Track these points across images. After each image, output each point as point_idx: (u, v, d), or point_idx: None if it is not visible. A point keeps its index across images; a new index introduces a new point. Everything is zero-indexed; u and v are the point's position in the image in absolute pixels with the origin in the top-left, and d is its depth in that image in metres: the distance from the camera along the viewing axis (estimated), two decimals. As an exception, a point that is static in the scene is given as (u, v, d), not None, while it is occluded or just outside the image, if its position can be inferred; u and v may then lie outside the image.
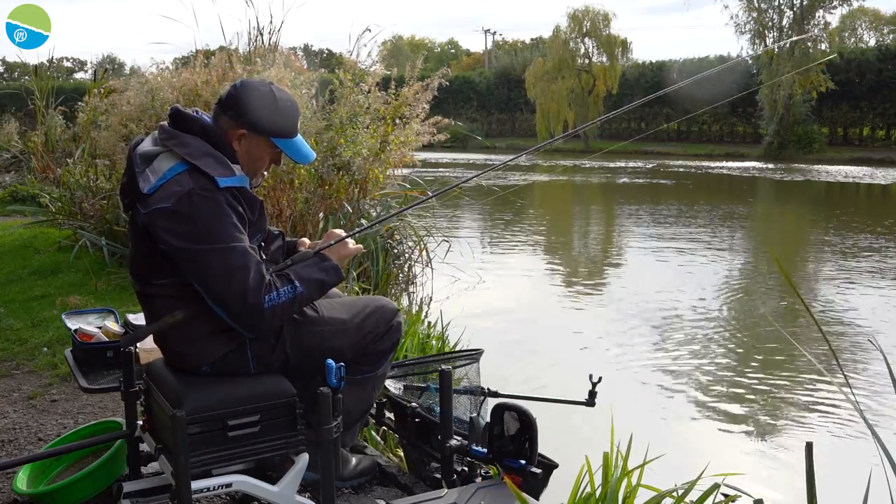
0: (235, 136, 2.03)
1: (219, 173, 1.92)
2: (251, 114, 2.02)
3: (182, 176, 1.91)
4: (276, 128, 2.05)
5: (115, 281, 5.58)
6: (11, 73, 55.92)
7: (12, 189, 11.21)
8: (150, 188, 1.92)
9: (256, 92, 2.04)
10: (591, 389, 2.39)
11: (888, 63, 34.06)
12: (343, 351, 2.13)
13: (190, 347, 2.00)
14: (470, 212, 13.67)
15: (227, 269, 1.87)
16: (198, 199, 1.88)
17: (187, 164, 1.92)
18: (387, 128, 5.69)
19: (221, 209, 1.90)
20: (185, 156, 1.93)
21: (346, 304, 2.25)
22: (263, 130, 2.04)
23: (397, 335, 2.28)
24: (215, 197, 1.90)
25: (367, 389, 2.28)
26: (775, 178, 22.80)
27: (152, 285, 2.01)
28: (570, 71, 38.79)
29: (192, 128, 2.00)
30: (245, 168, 2.05)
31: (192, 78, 5.87)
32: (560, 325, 6.25)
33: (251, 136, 2.04)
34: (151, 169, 1.95)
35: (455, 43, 77.01)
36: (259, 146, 2.06)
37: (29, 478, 2.50)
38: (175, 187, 1.89)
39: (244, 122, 2.02)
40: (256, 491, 1.97)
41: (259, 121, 2.03)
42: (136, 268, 2.06)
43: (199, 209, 1.87)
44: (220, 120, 2.04)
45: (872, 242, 10.62)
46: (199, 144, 1.97)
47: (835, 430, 4.14)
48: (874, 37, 48.45)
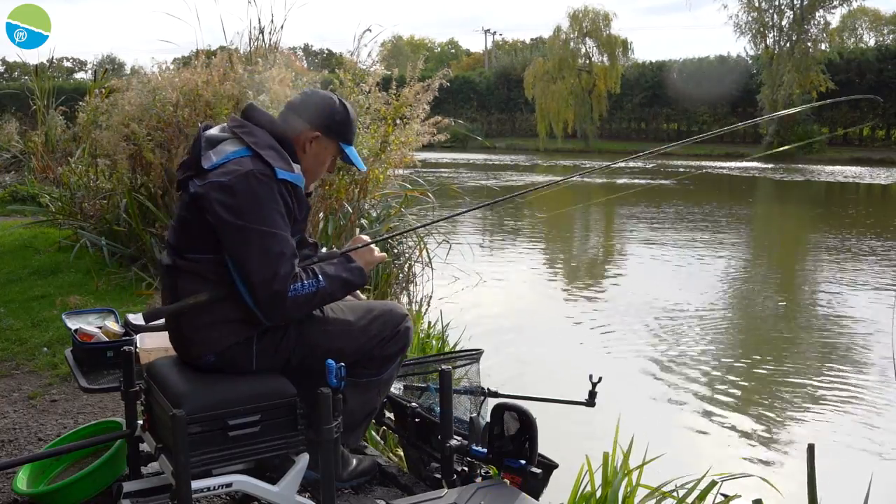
0: (308, 138, 2.14)
1: (279, 165, 2.01)
2: (327, 118, 2.15)
3: (244, 159, 2.00)
4: (346, 134, 2.20)
5: (115, 281, 5.59)
6: (11, 73, 55.93)
7: (12, 189, 11.21)
8: (210, 164, 2.00)
9: (330, 100, 2.19)
10: (591, 389, 2.39)
11: (888, 63, 34.08)
12: (346, 352, 2.13)
13: (201, 333, 2.01)
14: (470, 212, 13.65)
15: (263, 251, 1.93)
16: (254, 181, 1.95)
17: (251, 151, 2.01)
18: (387, 128, 5.69)
19: (273, 195, 1.97)
20: (251, 143, 2.02)
21: (354, 307, 2.25)
22: (336, 135, 2.17)
23: (404, 340, 2.27)
24: (270, 183, 1.98)
25: (371, 393, 2.27)
26: (775, 178, 22.81)
27: (184, 259, 2.03)
28: (571, 71, 38.81)
29: (262, 122, 2.10)
30: (306, 170, 2.15)
31: (193, 78, 5.88)
32: (560, 325, 6.25)
33: (323, 139, 2.16)
34: (216, 151, 2.03)
35: (455, 43, 77.11)
36: (327, 149, 2.18)
37: (29, 478, 2.50)
38: (235, 166, 1.98)
39: (320, 126, 2.14)
40: (256, 491, 1.97)
41: (334, 125, 2.16)
42: (175, 239, 2.09)
43: (253, 189, 1.95)
44: (292, 121, 2.15)
45: (872, 243, 10.63)
46: (266, 137, 2.06)
47: (835, 431, 4.15)
48: (874, 37, 48.50)
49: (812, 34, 33.60)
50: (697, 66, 39.56)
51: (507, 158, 31.69)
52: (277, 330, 2.06)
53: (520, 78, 41.56)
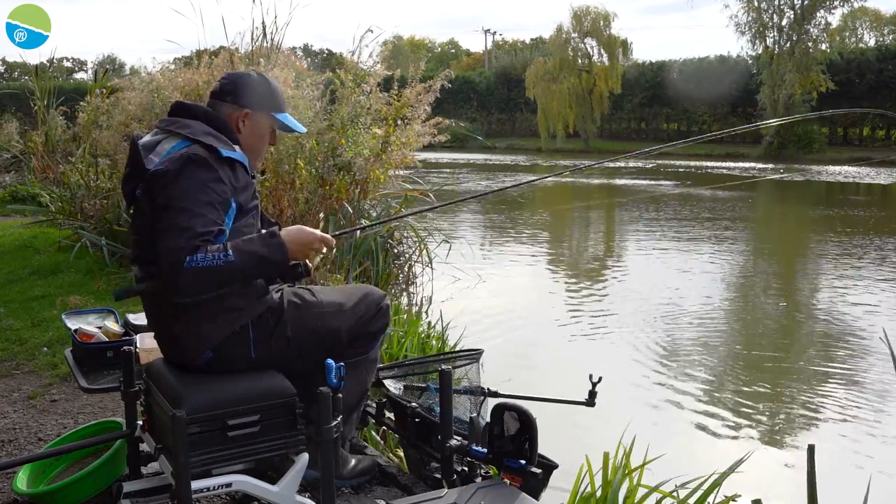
0: (240, 118, 2.17)
1: (220, 146, 2.02)
2: (251, 94, 2.19)
3: (182, 150, 1.99)
4: (274, 103, 2.24)
5: (115, 281, 5.58)
6: (11, 73, 55.94)
7: (12, 189, 11.22)
8: (154, 165, 1.98)
9: (248, 77, 2.25)
10: (591, 389, 2.39)
11: (888, 63, 34.10)
12: (341, 332, 2.19)
13: (192, 331, 2.01)
14: (471, 212, 13.67)
15: (171, 226, 1.88)
16: (189, 162, 1.94)
17: (189, 141, 2.01)
18: (388, 128, 5.69)
19: (205, 175, 1.94)
20: (188, 134, 2.02)
21: (339, 290, 2.36)
22: (264, 106, 2.21)
23: (386, 318, 2.36)
24: (207, 164, 1.96)
25: (362, 373, 2.32)
26: (775, 178, 22.80)
27: (153, 264, 1.95)
28: (572, 71, 38.83)
29: (196, 113, 2.12)
30: (247, 148, 2.17)
31: (195, 78, 5.88)
32: (560, 325, 6.25)
33: (254, 114, 2.19)
34: (155, 153, 2.02)
35: (455, 43, 77.11)
36: (261, 123, 2.21)
37: (29, 478, 2.50)
38: (175, 157, 1.97)
39: (247, 103, 2.18)
40: (256, 491, 1.97)
41: (260, 98, 2.20)
42: (138, 251, 2.07)
43: (185, 169, 1.93)
44: (220, 107, 2.18)
45: (872, 242, 10.62)
46: (201, 126, 2.07)
47: (836, 432, 4.14)
48: (874, 37, 48.53)
49: (812, 34, 33.61)
50: (697, 66, 39.57)
51: (507, 158, 31.70)
52: (272, 315, 2.08)
53: (520, 78, 41.57)
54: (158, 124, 2.12)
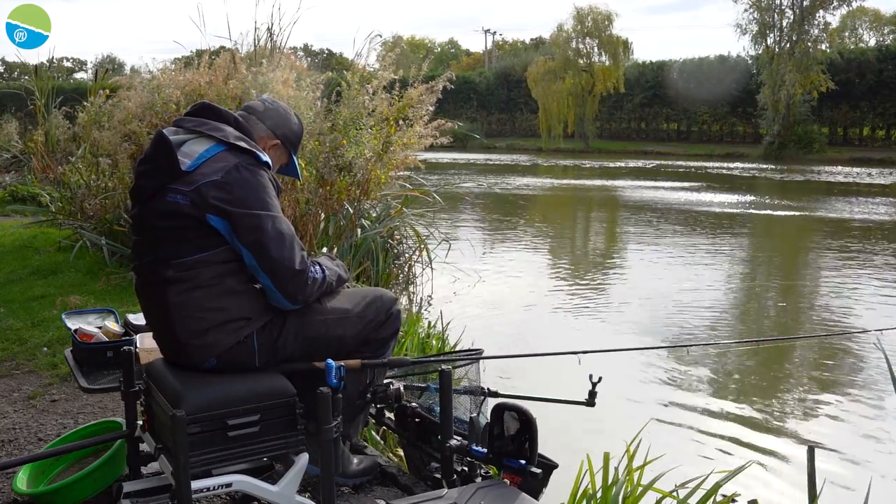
0: (268, 144, 2.22)
1: (261, 153, 2.07)
2: (286, 128, 2.27)
3: (223, 154, 2.01)
4: (296, 146, 2.35)
5: (115, 281, 5.58)
6: (11, 73, 55.92)
7: (12, 189, 11.22)
8: (189, 166, 1.97)
9: (289, 113, 2.33)
10: (591, 389, 2.38)
11: (888, 63, 34.11)
12: (346, 339, 2.17)
13: (197, 340, 1.98)
14: (471, 212, 13.67)
15: (279, 234, 1.97)
16: (244, 171, 1.99)
17: (224, 146, 2.02)
18: (390, 129, 5.69)
19: (264, 181, 2.03)
20: (221, 138, 2.03)
21: (345, 294, 2.28)
22: (291, 146, 2.30)
23: (397, 323, 2.33)
24: (259, 170, 2.03)
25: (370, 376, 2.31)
26: (775, 178, 22.80)
27: (170, 267, 1.95)
28: (572, 70, 38.84)
29: (226, 119, 2.13)
30: None
31: (196, 78, 5.88)
32: (560, 325, 6.25)
33: (280, 148, 2.27)
34: (182, 153, 1.99)
35: (455, 43, 77.12)
36: (281, 157, 2.30)
37: (29, 478, 2.49)
38: (219, 163, 1.98)
39: (280, 135, 2.25)
40: (256, 491, 1.97)
41: (290, 135, 2.29)
42: (151, 251, 2.01)
43: (247, 179, 1.98)
44: (254, 124, 2.21)
45: (871, 242, 10.62)
46: (232, 131, 2.08)
47: (836, 432, 4.14)
48: (874, 37, 48.54)
49: (812, 34, 33.62)
50: (697, 66, 39.58)
51: (507, 158, 31.70)
52: (276, 323, 2.05)
53: (520, 78, 41.62)
54: (181, 122, 2.09)
